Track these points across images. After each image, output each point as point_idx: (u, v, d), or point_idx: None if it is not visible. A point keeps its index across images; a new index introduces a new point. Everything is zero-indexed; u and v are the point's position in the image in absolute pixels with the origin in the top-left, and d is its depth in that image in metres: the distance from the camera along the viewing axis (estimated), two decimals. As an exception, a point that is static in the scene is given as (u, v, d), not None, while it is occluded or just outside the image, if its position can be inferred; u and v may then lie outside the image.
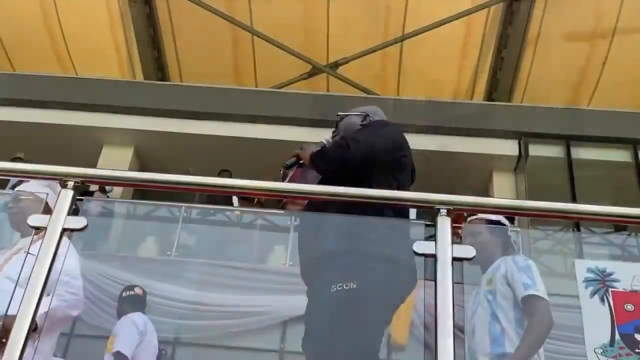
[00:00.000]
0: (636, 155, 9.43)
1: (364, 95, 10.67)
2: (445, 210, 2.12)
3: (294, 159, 2.96)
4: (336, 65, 10.87)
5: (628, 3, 10.12)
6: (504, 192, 9.18)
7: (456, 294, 2.08)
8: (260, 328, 6.27)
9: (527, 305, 2.65)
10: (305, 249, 2.85)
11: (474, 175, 9.38)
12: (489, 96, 10.80)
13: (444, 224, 2.09)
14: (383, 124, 3.03)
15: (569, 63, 10.68)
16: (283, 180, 2.89)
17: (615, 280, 1.95)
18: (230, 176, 8.90)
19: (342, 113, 3.20)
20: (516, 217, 3.23)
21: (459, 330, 2.26)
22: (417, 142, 9.96)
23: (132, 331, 4.71)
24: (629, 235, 9.26)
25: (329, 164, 2.80)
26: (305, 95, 9.99)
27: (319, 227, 2.69)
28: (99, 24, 11.03)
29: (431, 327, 2.43)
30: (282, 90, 10.48)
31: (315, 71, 10.94)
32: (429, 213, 2.18)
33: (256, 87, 11.15)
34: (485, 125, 9.50)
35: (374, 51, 10.62)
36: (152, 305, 5.70)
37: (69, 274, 2.90)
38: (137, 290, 5.24)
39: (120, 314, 5.02)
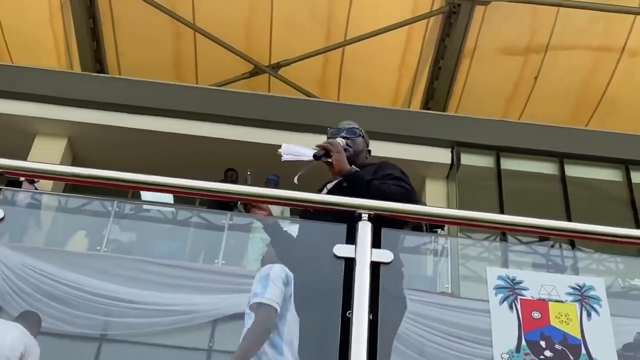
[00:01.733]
0: (562, 168, 9.76)
1: (304, 97, 10.71)
2: (367, 215, 2.15)
3: (323, 152, 2.84)
4: (278, 66, 10.87)
5: (561, 21, 10.49)
6: (436, 199, 9.36)
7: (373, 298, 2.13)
8: (190, 326, 6.20)
9: (253, 312, 3.04)
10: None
11: (407, 181, 9.54)
12: (426, 104, 10.99)
13: (365, 228, 2.13)
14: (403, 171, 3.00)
15: (503, 76, 10.98)
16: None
17: (524, 289, 2.02)
18: (237, 175, 8.86)
19: (361, 130, 3.16)
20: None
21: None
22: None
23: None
24: (552, 246, 9.60)
25: (383, 197, 2.61)
26: (246, 94, 9.95)
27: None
28: (38, 13, 10.71)
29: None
30: (222, 88, 10.41)
31: (257, 71, 10.91)
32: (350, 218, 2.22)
33: (197, 83, 11.04)
34: (421, 133, 9.66)
35: (316, 55, 10.66)
36: (79, 301, 5.57)
37: None
38: None
39: None
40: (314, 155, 2.81)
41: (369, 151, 3.19)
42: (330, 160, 2.84)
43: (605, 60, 10.82)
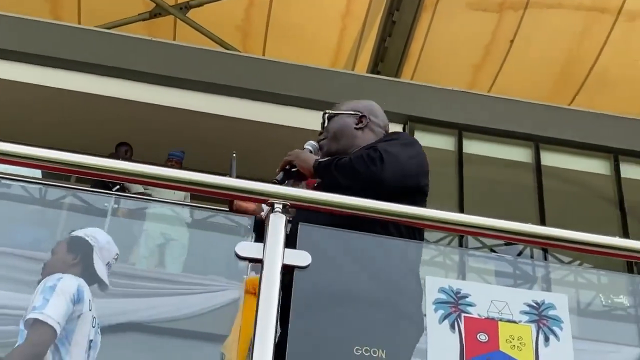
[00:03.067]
0: (538, 155, 10.02)
1: (220, 49, 10.62)
2: (281, 206, 2.17)
3: (282, 173, 2.98)
4: (187, 6, 10.75)
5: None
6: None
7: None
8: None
9: (27, 329, 3.15)
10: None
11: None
12: (374, 67, 11.07)
13: (278, 222, 2.14)
14: (411, 141, 3.03)
15: (471, 37, 11.15)
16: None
17: (470, 304, 2.07)
18: (132, 152, 8.71)
19: (330, 111, 3.19)
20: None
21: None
22: (284, 116, 10.10)
23: None
24: (520, 253, 9.87)
25: (353, 178, 2.76)
26: (144, 41, 9.80)
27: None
28: None
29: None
30: (113, 31, 10.22)
31: (159, 12, 10.76)
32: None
33: (78, 23, 10.80)
34: (367, 102, 9.74)
35: (238, -5, 10.61)
36: None
37: None
38: None
39: None
40: (274, 182, 2.93)
41: (364, 120, 3.14)
42: (293, 170, 2.96)
43: (597, 23, 11.11)
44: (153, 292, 6.70)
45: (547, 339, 2.07)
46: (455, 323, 2.05)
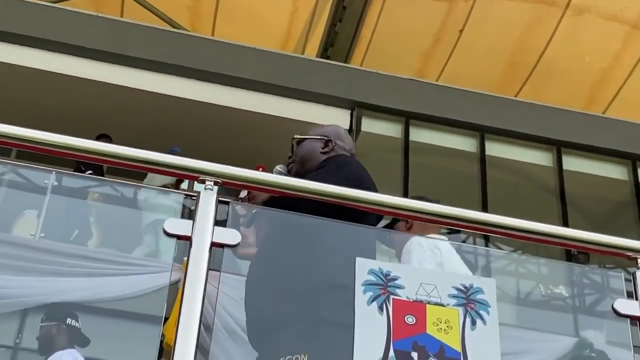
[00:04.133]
0: (483, 145, 10.12)
1: (168, 28, 10.50)
2: (212, 182, 2.15)
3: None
4: (136, -16, 10.61)
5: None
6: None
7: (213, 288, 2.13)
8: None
9: None
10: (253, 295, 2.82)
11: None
12: (324, 52, 11.06)
13: (208, 200, 2.12)
14: (344, 162, 3.17)
15: (421, 25, 11.20)
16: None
17: (399, 287, 2.08)
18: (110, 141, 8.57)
19: (298, 136, 3.33)
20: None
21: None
22: (231, 98, 10.00)
23: None
24: (464, 241, 9.97)
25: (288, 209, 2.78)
26: (88, 17, 9.62)
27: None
28: None
29: (209, 327, 2.48)
30: (55, 5, 10.03)
31: (106, -13, 10.61)
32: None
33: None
34: (315, 87, 9.72)
35: (188, -26, 10.49)
36: None
37: None
38: None
39: None
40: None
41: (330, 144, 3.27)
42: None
43: (546, 15, 11.24)
44: (93, 272, 6.63)
45: (474, 323, 2.08)
46: (384, 305, 2.05)
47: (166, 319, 4.05)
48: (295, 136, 3.35)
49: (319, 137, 3.29)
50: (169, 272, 6.35)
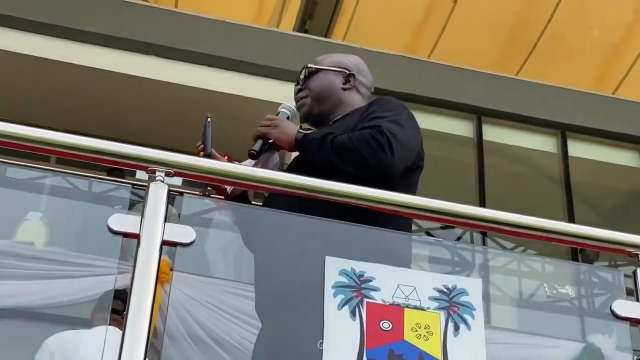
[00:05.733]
0: (480, 129, 10.13)
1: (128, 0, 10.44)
2: (163, 173, 2.14)
3: (260, 142, 2.87)
4: (89, -51, 10.50)
5: None
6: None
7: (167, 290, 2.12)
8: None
9: None
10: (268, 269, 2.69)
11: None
12: (302, 26, 11.03)
13: (158, 193, 2.11)
14: (407, 114, 2.94)
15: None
16: None
17: (374, 289, 2.08)
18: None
19: (313, 65, 3.09)
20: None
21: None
22: (197, 77, 9.94)
23: None
24: (459, 238, 10.00)
25: (357, 165, 2.67)
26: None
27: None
28: None
29: (160, 333, 2.47)
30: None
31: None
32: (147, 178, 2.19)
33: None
34: (292, 65, 9.63)
35: (148, -62, 10.42)
36: None
37: None
38: None
39: None
40: (250, 155, 2.85)
41: (352, 80, 3.10)
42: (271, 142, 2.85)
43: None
44: (41, 274, 6.62)
45: (457, 328, 2.09)
46: (357, 309, 2.05)
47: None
48: (308, 65, 3.10)
49: (339, 69, 3.08)
50: (114, 275, 6.33)
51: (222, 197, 2.87)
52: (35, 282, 6.52)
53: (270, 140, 2.87)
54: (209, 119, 2.90)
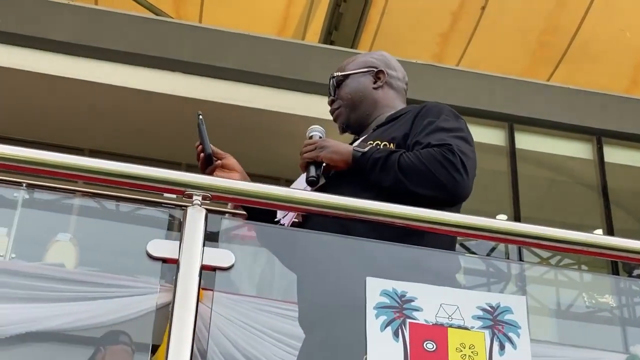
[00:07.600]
0: (512, 136, 10.09)
1: (151, 16, 10.52)
2: (200, 197, 2.15)
3: (313, 168, 2.76)
4: (111, -33, 10.63)
5: None
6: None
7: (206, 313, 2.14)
8: None
9: None
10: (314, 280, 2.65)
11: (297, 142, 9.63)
12: (328, 37, 11.06)
13: (196, 217, 2.12)
14: (466, 127, 2.86)
15: (438, 2, 11.20)
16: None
17: (417, 309, 2.08)
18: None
19: (339, 73, 3.01)
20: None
21: None
22: (224, 93, 9.97)
23: None
24: (493, 248, 9.96)
25: (431, 187, 2.58)
26: (59, 5, 9.64)
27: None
28: None
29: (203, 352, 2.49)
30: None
31: (78, -29, 10.62)
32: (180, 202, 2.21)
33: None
34: (318, 77, 9.70)
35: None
36: None
37: None
38: None
39: None
40: (310, 182, 2.76)
41: (382, 77, 3.03)
42: (325, 165, 2.75)
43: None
44: (70, 295, 6.64)
45: (502, 347, 2.08)
46: (399, 330, 2.05)
47: (154, 346, 4.06)
48: (334, 74, 3.02)
49: (366, 69, 3.01)
50: (159, 294, 6.35)
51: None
52: (61, 304, 6.54)
53: (324, 164, 2.77)
54: (200, 117, 2.86)
